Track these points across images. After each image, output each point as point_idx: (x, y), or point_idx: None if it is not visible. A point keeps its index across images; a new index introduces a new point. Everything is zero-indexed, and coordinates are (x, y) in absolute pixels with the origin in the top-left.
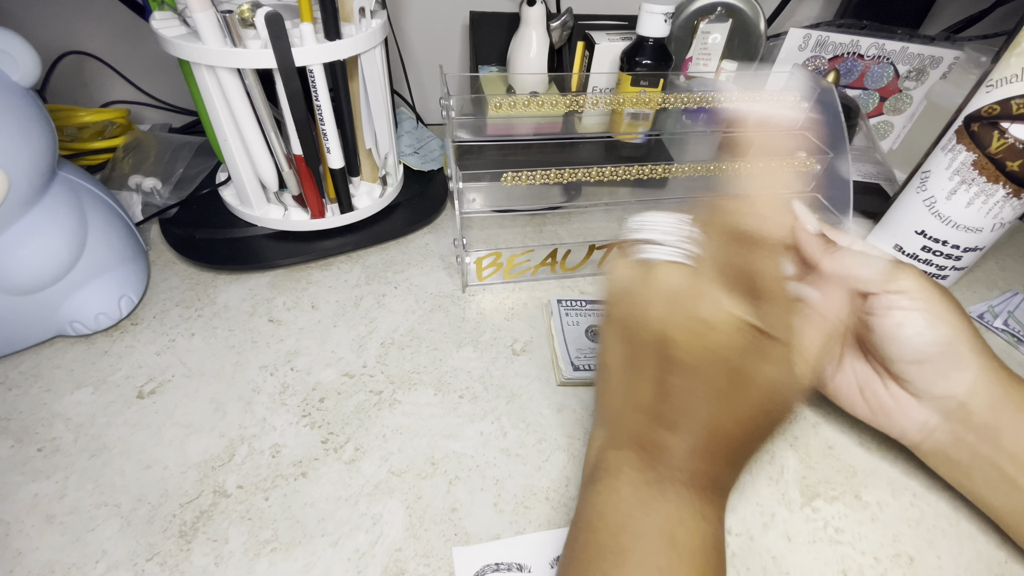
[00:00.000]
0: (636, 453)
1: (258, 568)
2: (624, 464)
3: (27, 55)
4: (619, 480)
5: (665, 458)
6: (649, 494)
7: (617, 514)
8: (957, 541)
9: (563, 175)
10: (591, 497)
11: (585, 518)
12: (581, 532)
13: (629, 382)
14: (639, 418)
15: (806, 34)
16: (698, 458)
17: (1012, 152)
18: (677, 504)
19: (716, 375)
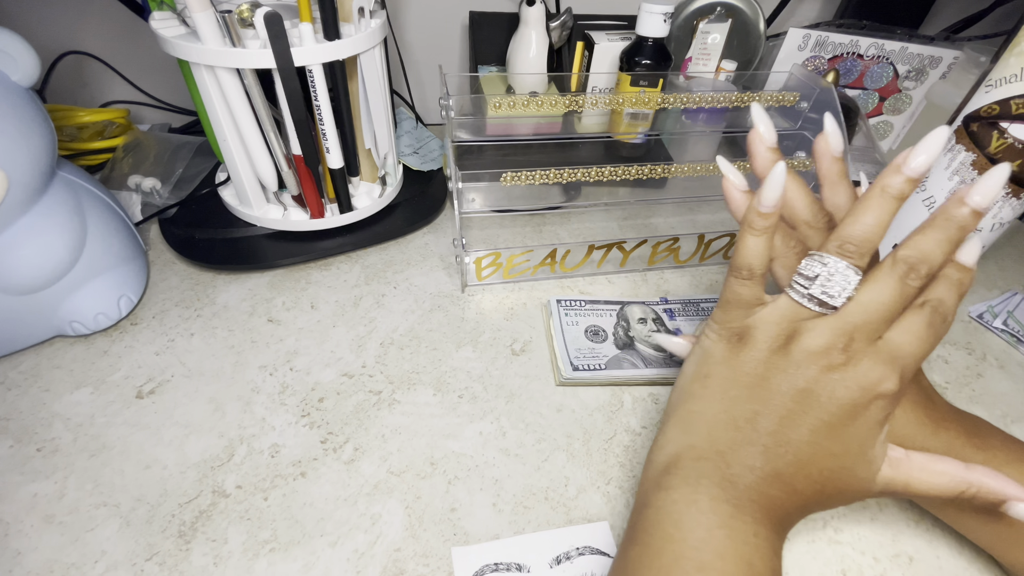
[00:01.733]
0: (717, 467)
1: (257, 568)
2: (703, 476)
3: (27, 55)
4: (698, 492)
5: (747, 477)
6: (728, 512)
7: (697, 527)
8: (957, 541)
9: (563, 175)
10: (664, 503)
11: (657, 523)
12: (652, 537)
13: (734, 397)
14: (733, 433)
15: (806, 34)
16: (782, 486)
17: (1011, 152)
18: (755, 531)
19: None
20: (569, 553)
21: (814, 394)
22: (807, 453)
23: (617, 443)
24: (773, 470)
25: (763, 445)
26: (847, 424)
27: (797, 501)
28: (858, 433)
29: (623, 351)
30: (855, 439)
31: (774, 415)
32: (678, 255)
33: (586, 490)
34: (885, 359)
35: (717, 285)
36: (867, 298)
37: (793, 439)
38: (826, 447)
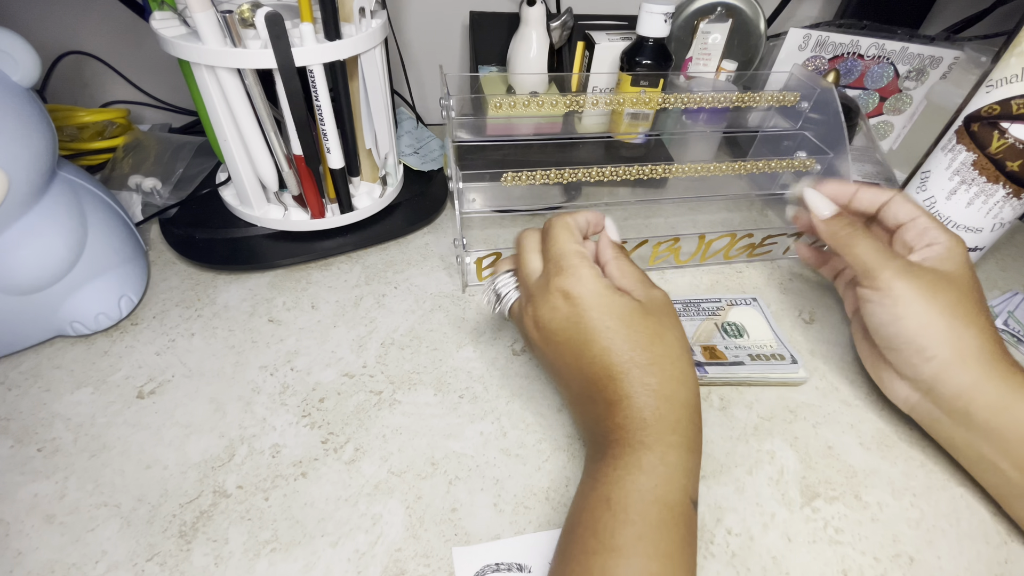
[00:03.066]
0: (591, 439)
1: (258, 568)
2: (587, 457)
3: (27, 55)
4: (584, 473)
5: (594, 428)
6: (594, 467)
7: (577, 496)
8: (957, 541)
9: (563, 175)
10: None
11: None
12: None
13: (557, 382)
14: (574, 408)
15: (806, 34)
16: (613, 408)
17: (1012, 152)
18: (613, 465)
19: (562, 335)
20: None
21: (549, 343)
22: (597, 372)
23: None
24: (601, 406)
25: (577, 397)
26: (582, 328)
27: (640, 403)
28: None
29: None
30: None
31: (558, 375)
32: (678, 255)
33: None
34: (543, 280)
35: (718, 285)
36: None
37: (581, 371)
38: (600, 351)
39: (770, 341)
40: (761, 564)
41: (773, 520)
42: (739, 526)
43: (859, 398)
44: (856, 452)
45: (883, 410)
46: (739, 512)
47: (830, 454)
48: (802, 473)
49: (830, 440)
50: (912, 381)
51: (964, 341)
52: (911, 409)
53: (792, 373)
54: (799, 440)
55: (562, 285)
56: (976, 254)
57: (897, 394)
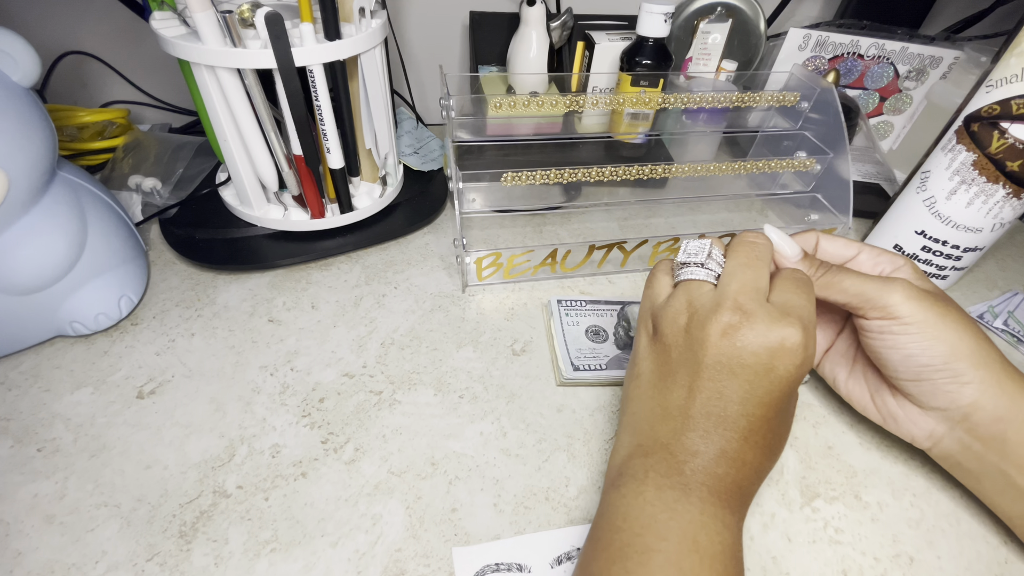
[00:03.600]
0: (663, 459)
1: (258, 568)
2: (651, 470)
3: (27, 55)
4: (645, 484)
5: (692, 463)
6: (674, 497)
7: (642, 515)
8: (957, 541)
9: (563, 175)
10: (615, 500)
11: (608, 519)
12: (604, 532)
13: (662, 388)
14: (670, 424)
15: (806, 34)
16: (728, 462)
17: (1012, 152)
18: (701, 509)
19: (751, 381)
20: (570, 553)
21: (724, 364)
22: (744, 425)
23: None
24: (717, 450)
25: (701, 428)
26: (772, 387)
27: (748, 472)
28: (785, 392)
29: (624, 351)
30: (783, 396)
31: (698, 396)
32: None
33: (587, 490)
34: (778, 313)
35: None
36: (732, 267)
37: (726, 415)
38: (759, 415)
39: None
40: (761, 564)
41: (773, 520)
42: None
43: None
44: (856, 452)
45: None
46: None
47: (830, 454)
48: (802, 473)
49: (830, 440)
50: (943, 412)
51: (991, 358)
52: (935, 443)
53: None
54: (799, 440)
55: (796, 334)
56: (976, 254)
57: (921, 430)
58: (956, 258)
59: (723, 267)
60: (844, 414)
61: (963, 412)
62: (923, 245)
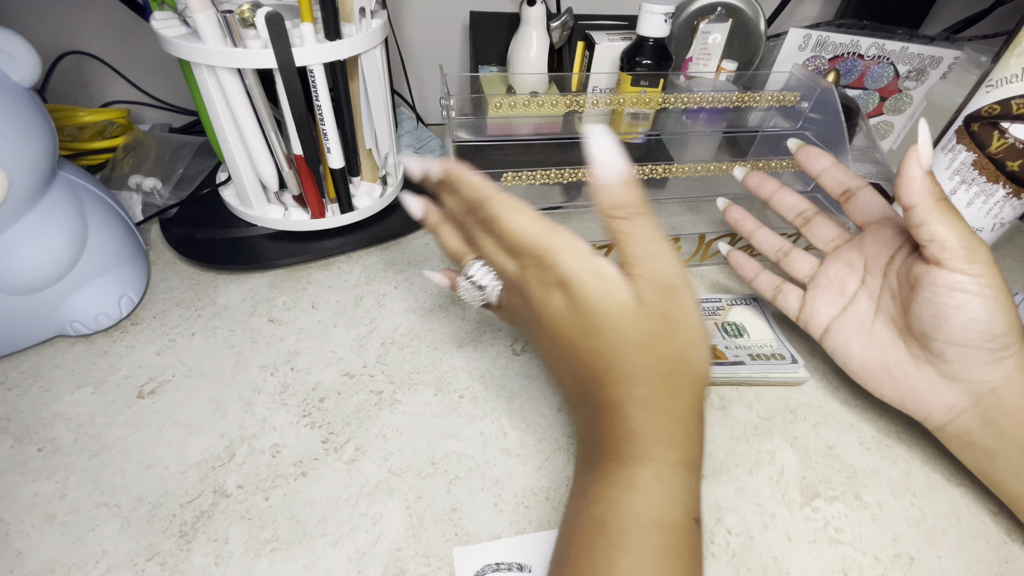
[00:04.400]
0: (581, 440)
1: (258, 568)
2: (578, 458)
3: (27, 55)
4: (575, 483)
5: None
6: (586, 480)
7: (568, 512)
8: (957, 541)
9: (563, 175)
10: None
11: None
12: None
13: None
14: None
15: (806, 34)
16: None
17: (1012, 152)
18: (606, 481)
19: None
20: None
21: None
22: (582, 373)
23: None
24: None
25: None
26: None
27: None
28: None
29: None
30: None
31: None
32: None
33: None
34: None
35: (718, 285)
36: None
37: (573, 372)
38: (581, 348)
39: (770, 341)
40: (761, 564)
41: (773, 520)
42: (739, 526)
43: (859, 398)
44: (856, 452)
45: (883, 410)
46: (739, 512)
47: (830, 454)
48: (802, 473)
49: (830, 440)
50: (973, 384)
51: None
52: (954, 418)
53: (792, 373)
54: (799, 440)
55: (550, 276)
56: None
57: (942, 403)
58: None
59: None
60: (844, 414)
61: (993, 385)
62: None
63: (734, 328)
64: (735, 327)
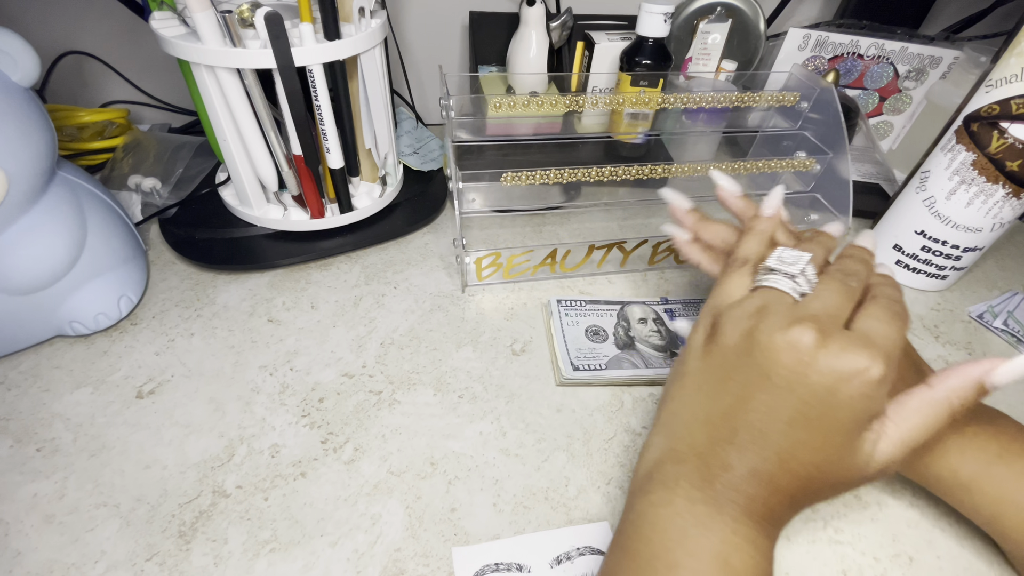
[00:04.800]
0: (696, 468)
1: (257, 568)
2: (682, 478)
3: (27, 55)
4: (675, 494)
5: (726, 477)
6: (706, 512)
7: (671, 527)
8: (957, 541)
9: (563, 175)
10: (644, 508)
11: (636, 527)
12: (631, 540)
13: (709, 392)
14: (708, 431)
15: (806, 34)
16: (760, 483)
17: (1012, 152)
18: (734, 529)
19: (807, 402)
20: (569, 553)
21: (784, 377)
22: (785, 448)
23: (617, 443)
24: (750, 467)
25: (739, 441)
26: (826, 414)
27: (781, 498)
28: (841, 424)
29: (623, 351)
30: (838, 430)
31: (746, 406)
32: (678, 255)
33: (586, 490)
34: (859, 342)
35: None
36: (820, 290)
37: (768, 433)
38: (805, 440)
39: None
40: None
41: None
42: None
43: None
44: None
45: None
46: None
47: None
48: None
49: None
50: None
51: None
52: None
53: None
54: None
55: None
56: (976, 254)
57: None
58: (956, 258)
59: (812, 287)
60: None
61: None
62: (923, 245)
63: None
64: None
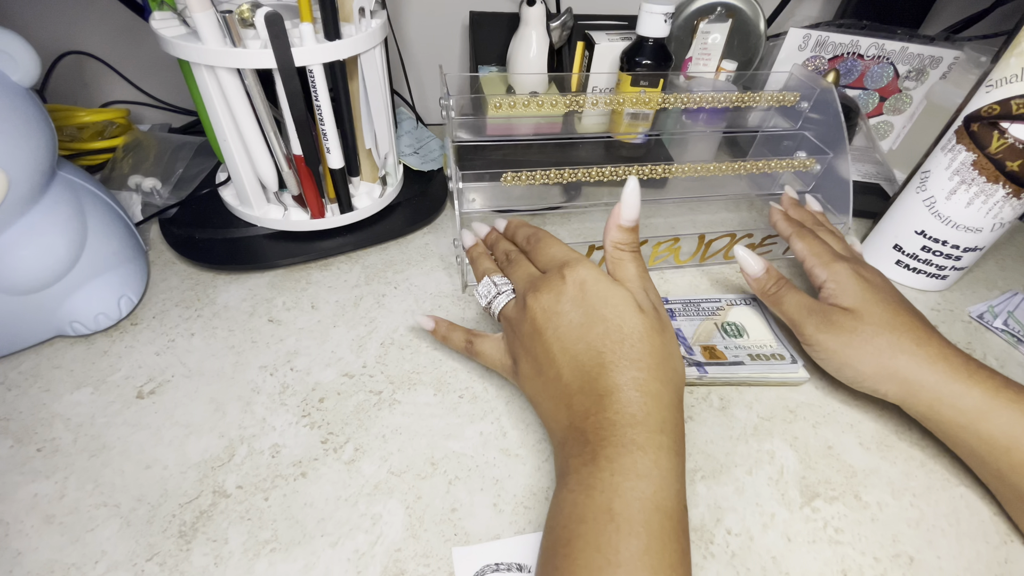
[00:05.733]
0: (573, 438)
1: (257, 568)
2: (570, 457)
3: (27, 55)
4: (568, 475)
5: (588, 425)
6: (588, 472)
7: (565, 505)
8: (957, 541)
9: (563, 175)
10: (552, 505)
11: (547, 525)
12: (542, 540)
13: (541, 390)
14: (560, 406)
15: (806, 34)
16: (610, 402)
17: (1012, 152)
18: (611, 470)
19: (568, 319)
20: None
21: (553, 327)
22: (598, 360)
23: None
24: (595, 396)
25: (576, 389)
26: (589, 312)
27: (639, 398)
28: (602, 307)
29: None
30: (607, 311)
31: (557, 367)
32: (678, 255)
33: None
34: (552, 270)
35: (718, 285)
36: (512, 271)
37: (581, 363)
38: (606, 336)
39: (770, 341)
40: (761, 564)
41: (773, 520)
42: (739, 526)
43: (859, 398)
44: (856, 452)
45: (883, 410)
46: (739, 512)
47: (830, 454)
48: (802, 473)
49: (830, 440)
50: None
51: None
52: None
53: (792, 373)
54: (799, 440)
55: (570, 274)
56: (976, 254)
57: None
58: (956, 258)
59: (505, 280)
60: (844, 414)
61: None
62: (923, 245)
63: (734, 328)
64: (735, 327)
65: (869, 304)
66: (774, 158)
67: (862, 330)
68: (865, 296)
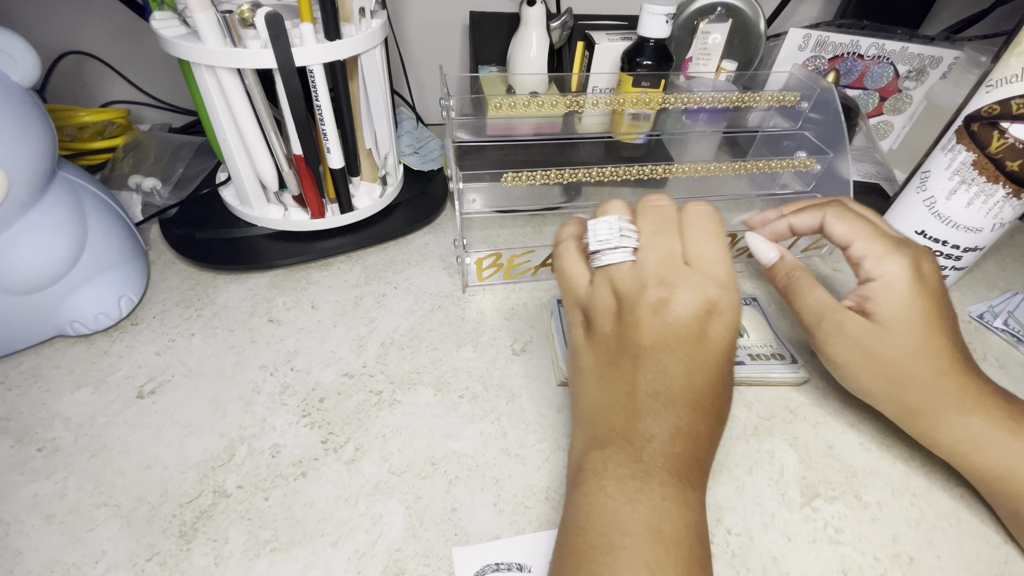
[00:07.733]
0: (621, 448)
1: (258, 568)
2: (609, 461)
3: (27, 55)
4: (605, 479)
5: (649, 447)
6: (635, 487)
7: (605, 512)
8: (957, 541)
9: (563, 175)
10: (578, 499)
11: (573, 521)
12: (569, 536)
13: (607, 378)
14: (621, 413)
15: (806, 34)
16: (686, 439)
17: (1012, 152)
18: (663, 495)
19: (689, 353)
20: None
21: (661, 342)
22: (692, 398)
23: None
24: (671, 428)
25: (652, 411)
26: (708, 354)
27: (703, 443)
28: (722, 355)
29: None
30: (723, 361)
31: (645, 379)
32: None
33: None
34: (697, 278)
35: None
36: (646, 240)
37: (672, 391)
38: (704, 383)
39: (770, 341)
40: (761, 564)
41: (773, 520)
42: (739, 526)
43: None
44: (856, 452)
45: None
46: (739, 512)
47: (830, 454)
48: (802, 473)
49: (830, 440)
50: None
51: (911, 398)
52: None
53: (792, 373)
54: (799, 440)
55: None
56: (976, 254)
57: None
58: (956, 258)
59: (636, 236)
60: (844, 414)
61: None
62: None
63: None
64: None
65: (904, 323)
66: (774, 158)
67: (879, 353)
68: (908, 313)
